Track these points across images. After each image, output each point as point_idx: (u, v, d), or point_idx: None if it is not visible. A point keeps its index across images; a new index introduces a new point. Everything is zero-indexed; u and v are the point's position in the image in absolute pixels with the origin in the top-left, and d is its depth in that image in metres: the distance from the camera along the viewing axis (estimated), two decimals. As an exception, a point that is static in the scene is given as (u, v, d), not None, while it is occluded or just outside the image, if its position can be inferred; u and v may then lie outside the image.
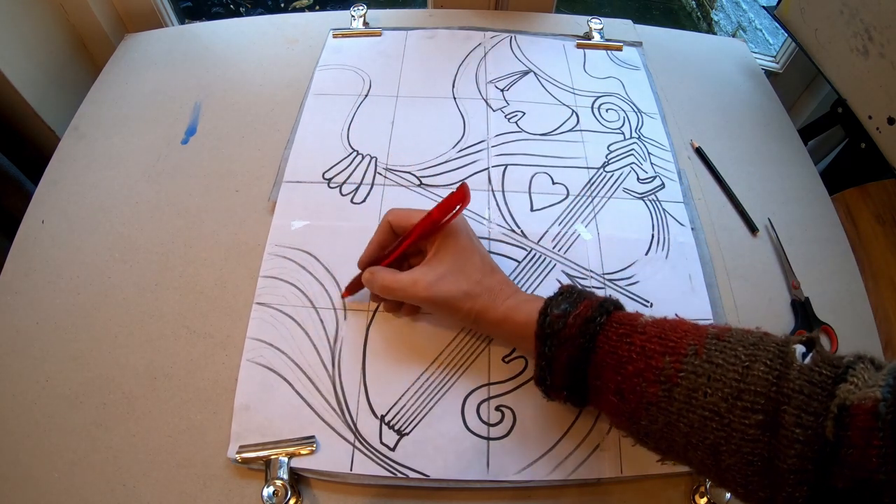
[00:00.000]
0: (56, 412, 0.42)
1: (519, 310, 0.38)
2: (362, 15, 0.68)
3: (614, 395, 0.32)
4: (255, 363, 0.43)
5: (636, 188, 0.54)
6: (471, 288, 0.39)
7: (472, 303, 0.39)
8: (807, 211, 0.56)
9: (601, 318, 0.34)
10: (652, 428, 0.31)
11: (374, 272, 0.41)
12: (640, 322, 0.33)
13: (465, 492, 0.40)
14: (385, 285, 0.40)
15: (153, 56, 0.66)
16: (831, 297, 0.50)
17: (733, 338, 0.30)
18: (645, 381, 0.31)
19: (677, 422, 0.30)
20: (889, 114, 0.57)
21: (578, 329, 0.34)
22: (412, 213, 0.41)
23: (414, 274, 0.39)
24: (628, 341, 0.32)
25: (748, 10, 1.93)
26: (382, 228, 0.43)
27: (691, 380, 0.29)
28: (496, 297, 0.39)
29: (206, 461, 0.40)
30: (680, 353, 0.30)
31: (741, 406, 0.27)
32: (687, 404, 0.29)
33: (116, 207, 0.52)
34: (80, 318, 0.46)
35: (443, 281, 0.39)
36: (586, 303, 0.35)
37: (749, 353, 0.29)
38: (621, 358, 0.32)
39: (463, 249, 0.40)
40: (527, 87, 0.62)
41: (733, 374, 0.28)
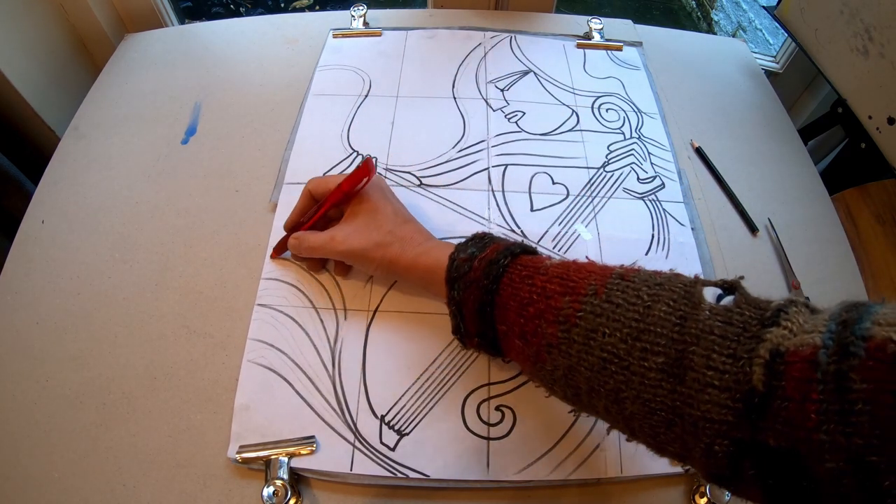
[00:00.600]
0: (56, 412, 0.42)
1: (428, 255, 0.39)
2: (362, 15, 0.68)
3: (518, 338, 0.32)
4: (255, 363, 0.43)
5: (636, 188, 0.54)
6: (382, 238, 0.41)
7: (383, 251, 0.41)
8: (807, 211, 0.56)
9: (505, 260, 0.34)
10: (556, 374, 0.30)
11: (299, 237, 0.45)
12: (544, 264, 0.33)
13: (465, 492, 0.40)
14: (309, 245, 0.44)
15: (153, 56, 0.66)
16: (831, 297, 0.50)
17: (638, 278, 0.29)
18: (545, 322, 0.30)
19: (578, 365, 0.28)
20: (889, 114, 0.57)
21: (483, 271, 0.34)
22: (329, 179, 0.44)
23: (331, 231, 0.43)
24: (530, 283, 0.32)
25: (748, 10, 1.93)
26: (303, 195, 0.46)
27: (589, 320, 0.28)
28: (407, 245, 0.41)
29: (206, 461, 0.40)
30: (579, 293, 0.29)
31: (640, 347, 0.26)
32: (585, 346, 0.28)
33: (116, 207, 0.52)
34: (80, 318, 0.46)
35: (356, 234, 0.42)
36: (493, 246, 0.35)
37: (652, 293, 0.27)
38: (523, 299, 0.31)
39: (374, 205, 0.43)
40: (527, 87, 0.62)
41: (633, 313, 0.27)
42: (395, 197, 0.46)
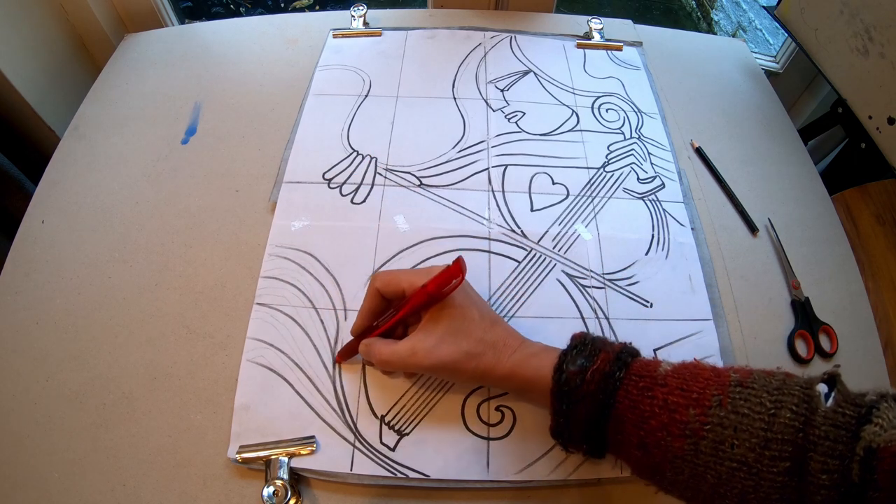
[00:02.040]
0: (56, 412, 0.42)
1: (527, 364, 0.36)
2: (362, 15, 0.68)
3: (637, 448, 0.32)
4: (255, 363, 0.43)
5: (636, 188, 0.54)
6: (472, 347, 0.37)
7: (476, 362, 0.37)
8: (807, 211, 0.56)
9: (620, 372, 0.33)
10: (677, 479, 0.31)
11: (370, 345, 0.39)
12: (659, 373, 0.32)
13: (465, 492, 0.40)
14: (383, 360, 0.38)
15: (153, 56, 0.66)
16: (831, 297, 0.50)
17: (756, 384, 0.30)
18: (670, 436, 0.30)
19: (704, 473, 0.29)
20: (889, 114, 0.57)
21: (597, 385, 0.33)
22: (400, 276, 0.39)
23: (411, 342, 0.37)
24: (650, 395, 0.31)
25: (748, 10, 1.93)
26: (371, 294, 0.40)
27: (717, 432, 0.29)
28: (501, 353, 0.37)
29: (206, 461, 0.40)
30: (704, 405, 0.30)
31: (769, 455, 0.27)
32: (714, 457, 0.29)
33: (116, 207, 0.52)
34: (80, 318, 0.46)
35: (442, 345, 0.37)
36: (603, 356, 0.34)
37: (774, 400, 0.28)
38: (643, 413, 0.31)
39: (460, 307, 0.38)
40: (527, 87, 0.62)
41: (760, 423, 0.28)
42: (478, 295, 0.41)
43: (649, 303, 0.47)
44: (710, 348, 0.45)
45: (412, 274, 0.39)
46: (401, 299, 0.40)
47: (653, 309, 0.47)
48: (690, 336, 0.46)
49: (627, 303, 0.47)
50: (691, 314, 0.47)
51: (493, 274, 0.48)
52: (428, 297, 0.37)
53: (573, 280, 0.48)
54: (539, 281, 0.48)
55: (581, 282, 0.48)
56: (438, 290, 0.36)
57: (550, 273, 0.48)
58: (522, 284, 0.47)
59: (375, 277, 0.40)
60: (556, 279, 0.48)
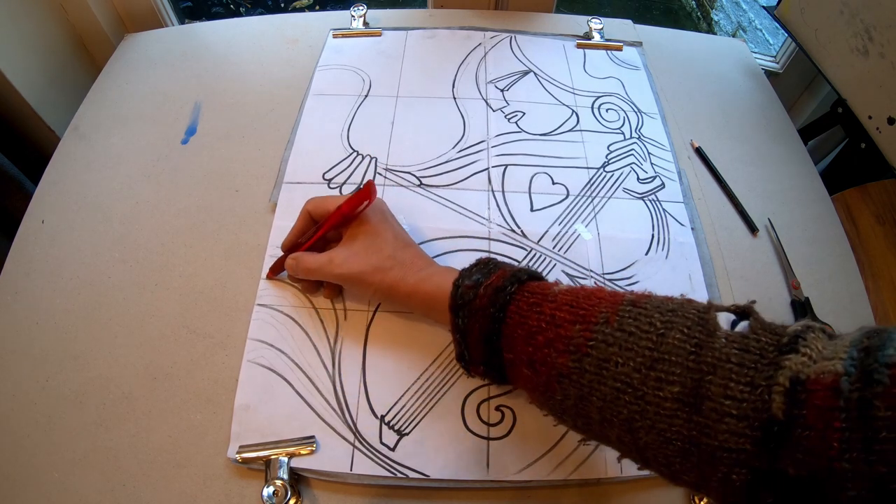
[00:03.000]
0: (56, 412, 0.42)
1: (430, 280, 0.38)
2: (362, 15, 0.68)
3: (527, 367, 0.31)
4: (255, 364, 0.43)
5: (636, 188, 0.54)
6: (381, 262, 0.40)
7: (382, 275, 0.40)
8: (807, 211, 0.56)
9: (512, 287, 0.33)
10: (566, 403, 0.29)
11: (296, 258, 0.44)
12: (552, 291, 0.32)
13: (465, 492, 0.40)
14: (305, 267, 0.43)
15: (153, 56, 0.66)
16: (831, 297, 0.50)
17: (650, 304, 0.28)
18: (555, 351, 0.29)
19: (590, 395, 0.28)
20: (889, 114, 0.57)
21: (489, 299, 0.33)
22: (328, 200, 0.43)
23: (329, 253, 0.42)
24: (538, 310, 0.31)
25: (748, 10, 1.93)
26: (302, 216, 0.45)
27: (602, 349, 0.27)
28: (407, 270, 0.40)
29: (206, 461, 0.40)
30: (591, 322, 0.28)
31: (654, 377, 0.25)
32: (598, 375, 0.27)
33: (116, 207, 0.52)
34: (80, 318, 0.46)
35: (355, 257, 0.41)
36: (499, 273, 0.34)
37: (665, 321, 0.27)
38: (531, 328, 0.31)
39: (374, 228, 0.42)
40: (527, 87, 0.62)
41: (647, 342, 0.26)
42: (396, 221, 0.45)
43: (649, 303, 0.47)
44: (710, 348, 0.45)
45: (337, 198, 0.43)
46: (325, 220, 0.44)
47: (653, 309, 0.47)
48: (690, 336, 0.46)
49: (627, 303, 0.47)
50: (691, 314, 0.47)
51: (493, 274, 0.48)
52: (342, 216, 0.42)
53: (573, 280, 0.48)
54: (539, 281, 0.48)
55: (581, 282, 0.48)
56: (351, 210, 0.41)
57: (550, 273, 0.48)
58: (522, 284, 0.47)
59: (308, 201, 0.45)
60: (556, 279, 0.48)
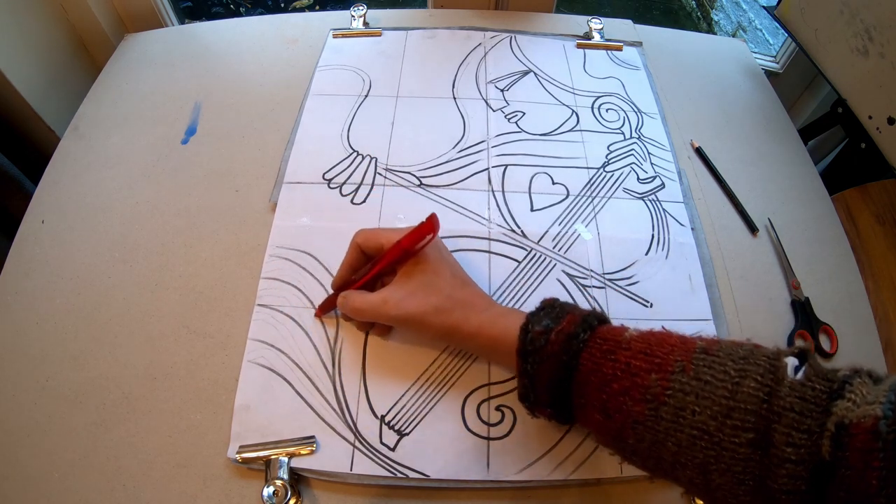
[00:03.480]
0: (56, 412, 0.42)
1: (495, 324, 0.37)
2: (362, 15, 0.68)
3: (599, 413, 0.31)
4: (255, 364, 0.43)
5: (636, 188, 0.54)
6: (441, 302, 0.38)
7: (443, 317, 0.38)
8: (807, 211, 0.56)
9: (584, 334, 0.33)
10: (639, 447, 0.30)
11: (347, 296, 0.41)
12: (624, 337, 0.32)
13: (465, 492, 0.40)
14: (356, 307, 0.40)
15: (153, 56, 0.66)
16: (831, 297, 0.50)
17: (722, 352, 0.29)
18: (631, 400, 0.30)
19: (665, 441, 0.29)
20: (889, 114, 0.57)
21: (561, 346, 0.32)
22: (380, 233, 0.41)
23: (383, 293, 0.39)
24: (612, 358, 0.31)
25: (748, 10, 1.93)
26: (352, 250, 0.42)
27: (679, 398, 0.28)
28: (469, 311, 0.38)
29: (206, 461, 0.40)
30: (667, 370, 0.29)
31: (731, 424, 0.27)
32: (675, 423, 0.28)
33: (116, 207, 0.52)
34: (80, 318, 0.46)
35: (412, 297, 0.38)
36: (569, 318, 0.34)
37: (739, 369, 0.28)
38: (606, 376, 0.31)
39: (432, 265, 0.39)
40: (527, 87, 0.62)
41: (722, 391, 0.27)
42: (451, 257, 0.42)
43: (649, 303, 0.47)
44: (710, 348, 0.45)
45: (391, 231, 0.40)
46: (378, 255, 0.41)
47: (653, 309, 0.47)
48: (690, 336, 0.46)
49: (627, 303, 0.47)
50: (691, 314, 0.47)
51: (493, 274, 0.48)
52: (402, 251, 0.38)
53: (573, 280, 0.48)
54: (539, 281, 0.48)
55: (581, 282, 0.48)
56: (412, 245, 0.38)
57: (550, 273, 0.48)
58: (522, 284, 0.47)
59: (357, 233, 0.42)
60: (556, 279, 0.48)
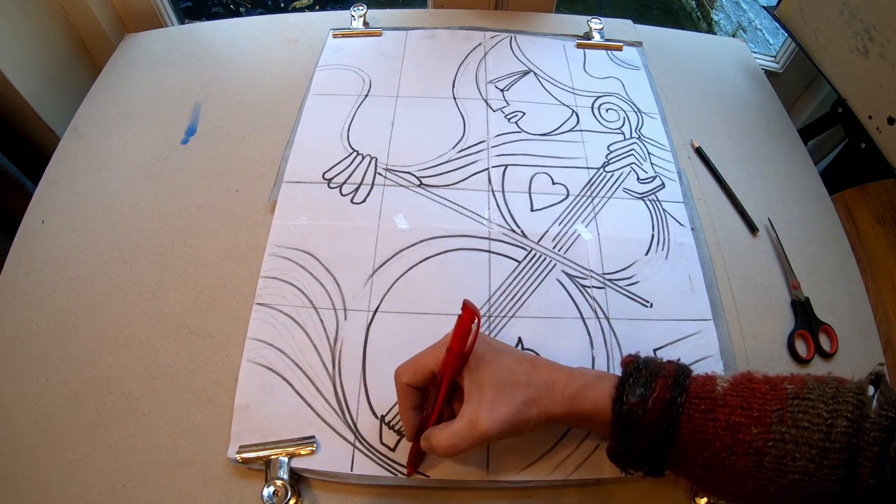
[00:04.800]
0: (56, 412, 0.42)
1: (584, 398, 0.35)
2: (362, 15, 0.68)
3: (701, 469, 0.32)
4: (255, 363, 0.43)
5: (636, 188, 0.54)
6: (526, 395, 0.35)
7: (536, 408, 0.35)
8: (807, 211, 0.56)
9: (681, 397, 0.33)
10: (740, 492, 0.32)
11: (429, 439, 0.36)
12: (718, 392, 0.33)
13: (465, 492, 0.40)
14: (448, 445, 0.35)
15: (153, 56, 0.66)
16: (831, 297, 0.50)
17: (813, 394, 0.31)
18: (734, 455, 0.31)
19: (767, 486, 0.30)
20: (889, 114, 0.57)
21: (660, 414, 0.33)
22: (420, 361, 0.37)
23: (466, 416, 0.35)
24: (712, 417, 0.32)
25: (748, 10, 1.93)
26: (402, 392, 0.38)
27: (780, 447, 0.30)
28: (554, 391, 0.36)
29: (206, 461, 0.40)
30: (766, 423, 0.30)
31: (828, 465, 0.29)
32: (777, 471, 0.30)
33: (116, 207, 0.52)
34: (80, 318, 0.46)
35: (497, 405, 0.35)
36: (661, 382, 0.33)
37: (830, 410, 0.29)
38: (707, 435, 0.32)
39: (492, 362, 0.36)
40: (527, 87, 0.62)
41: (818, 434, 0.29)
42: (500, 342, 0.39)
43: (649, 303, 0.47)
44: (710, 348, 0.45)
45: (430, 351, 0.37)
46: (432, 381, 0.37)
47: (653, 309, 0.47)
48: (690, 336, 0.46)
49: (627, 303, 0.47)
50: (691, 314, 0.47)
51: (493, 274, 0.48)
52: (458, 358, 0.35)
53: (573, 280, 0.48)
54: (539, 281, 0.48)
55: (581, 282, 0.48)
56: (463, 345, 0.35)
57: (550, 273, 0.48)
58: (522, 284, 0.47)
59: (398, 373, 0.38)
60: (556, 279, 0.48)
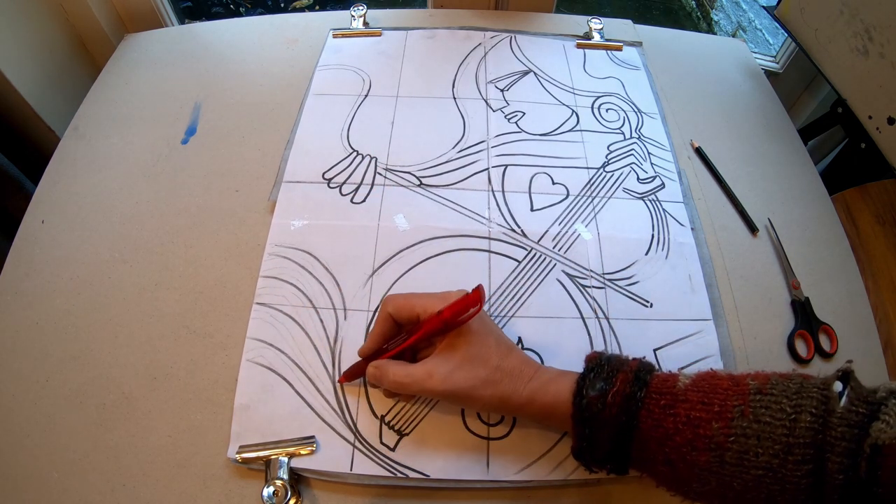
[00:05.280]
0: (56, 412, 0.42)
1: (546, 391, 0.36)
2: (362, 15, 0.68)
3: (663, 465, 0.32)
4: (255, 363, 0.43)
5: (636, 188, 0.54)
6: (489, 374, 0.36)
7: (493, 389, 0.36)
8: (807, 211, 0.56)
9: (640, 392, 0.33)
10: (704, 489, 0.31)
11: (382, 367, 0.38)
12: (679, 388, 0.33)
13: (465, 492, 0.40)
14: (397, 381, 0.37)
15: (153, 56, 0.66)
16: (831, 297, 0.50)
17: (776, 389, 0.30)
18: (695, 450, 0.31)
19: (731, 482, 0.30)
20: (889, 114, 0.57)
21: (619, 408, 0.33)
22: (413, 301, 0.38)
23: (427, 366, 0.36)
24: (672, 412, 0.32)
25: (748, 10, 1.93)
26: (382, 318, 0.39)
27: (741, 442, 0.29)
28: (517, 380, 0.37)
29: (206, 461, 0.40)
30: (727, 417, 0.30)
31: (792, 460, 0.28)
32: (739, 466, 0.29)
33: (116, 207, 0.52)
34: (80, 318, 0.46)
35: (459, 371, 0.36)
36: (622, 377, 0.34)
37: (794, 405, 0.29)
38: (667, 430, 0.32)
39: (477, 334, 0.37)
40: (527, 87, 0.62)
41: (782, 429, 0.29)
42: (493, 323, 0.40)
43: (649, 303, 0.47)
44: (710, 348, 0.45)
45: (426, 298, 0.38)
46: (414, 324, 0.38)
47: (653, 309, 0.47)
48: (690, 336, 0.46)
49: (627, 303, 0.47)
50: (691, 314, 0.47)
51: (493, 273, 0.48)
52: (443, 323, 0.36)
53: (573, 280, 0.48)
54: (539, 281, 0.48)
55: (581, 282, 0.48)
56: (455, 317, 0.35)
57: (550, 273, 0.48)
58: (522, 284, 0.47)
59: (387, 301, 0.39)
60: (556, 279, 0.48)
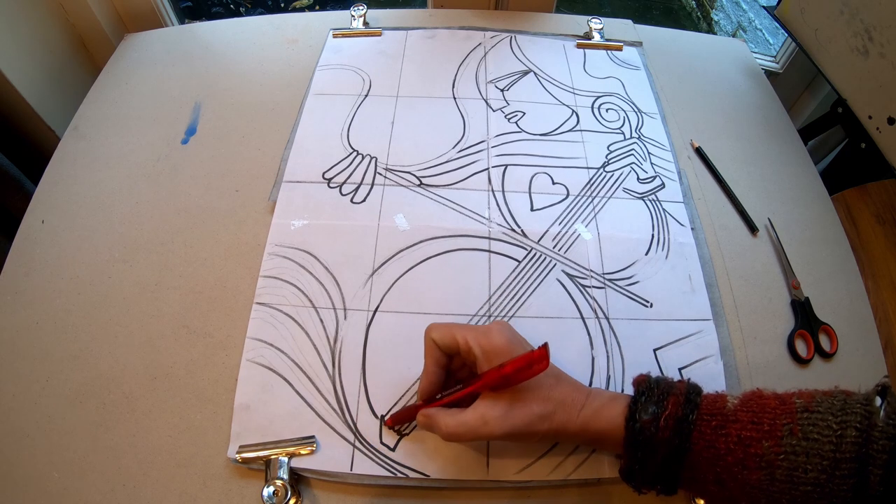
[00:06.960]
0: (56, 412, 0.42)
1: (598, 417, 0.36)
2: (362, 15, 0.68)
3: (713, 484, 0.33)
4: (255, 363, 0.43)
5: (636, 188, 0.54)
6: (542, 408, 0.36)
7: (549, 423, 0.36)
8: (807, 211, 0.56)
9: (692, 414, 0.34)
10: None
11: (432, 417, 0.37)
12: (728, 409, 0.34)
13: (464, 492, 0.40)
14: (449, 431, 0.36)
15: (153, 56, 0.66)
16: (831, 297, 0.50)
17: (822, 407, 0.31)
18: (746, 469, 0.31)
19: (780, 498, 0.31)
20: (889, 114, 0.57)
21: (672, 432, 0.33)
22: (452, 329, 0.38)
23: (479, 411, 0.36)
24: (724, 433, 0.32)
25: (748, 10, 1.93)
26: (429, 347, 0.38)
27: (791, 460, 0.30)
28: (570, 409, 0.36)
29: (206, 461, 0.40)
30: (776, 436, 0.31)
31: (839, 475, 0.29)
32: (789, 483, 0.30)
33: (116, 207, 0.52)
34: (80, 318, 0.46)
35: (513, 410, 0.35)
36: (672, 400, 0.34)
37: (839, 421, 0.30)
38: (719, 451, 0.32)
39: None
40: (527, 87, 0.62)
41: (829, 445, 0.30)
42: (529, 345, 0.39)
43: (649, 303, 0.47)
44: (710, 348, 0.45)
45: (468, 329, 0.37)
46: (454, 352, 0.38)
47: (653, 309, 0.47)
48: (690, 336, 0.46)
49: (627, 303, 0.47)
50: (691, 314, 0.47)
51: (493, 273, 0.48)
52: (504, 379, 0.34)
53: (573, 280, 0.48)
54: (539, 280, 0.48)
55: (581, 281, 0.48)
56: (517, 374, 0.34)
57: (550, 273, 0.48)
58: (522, 284, 0.47)
59: (430, 329, 0.38)
60: (556, 279, 0.48)
